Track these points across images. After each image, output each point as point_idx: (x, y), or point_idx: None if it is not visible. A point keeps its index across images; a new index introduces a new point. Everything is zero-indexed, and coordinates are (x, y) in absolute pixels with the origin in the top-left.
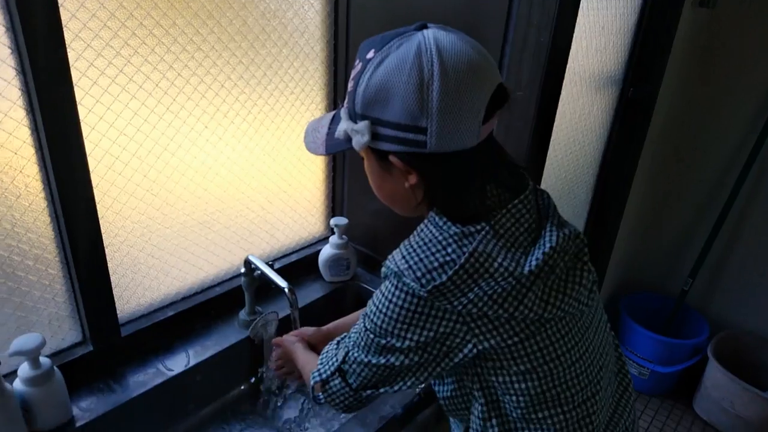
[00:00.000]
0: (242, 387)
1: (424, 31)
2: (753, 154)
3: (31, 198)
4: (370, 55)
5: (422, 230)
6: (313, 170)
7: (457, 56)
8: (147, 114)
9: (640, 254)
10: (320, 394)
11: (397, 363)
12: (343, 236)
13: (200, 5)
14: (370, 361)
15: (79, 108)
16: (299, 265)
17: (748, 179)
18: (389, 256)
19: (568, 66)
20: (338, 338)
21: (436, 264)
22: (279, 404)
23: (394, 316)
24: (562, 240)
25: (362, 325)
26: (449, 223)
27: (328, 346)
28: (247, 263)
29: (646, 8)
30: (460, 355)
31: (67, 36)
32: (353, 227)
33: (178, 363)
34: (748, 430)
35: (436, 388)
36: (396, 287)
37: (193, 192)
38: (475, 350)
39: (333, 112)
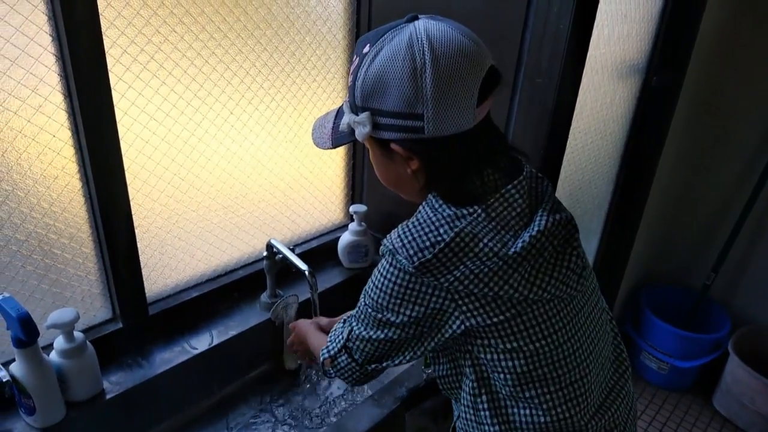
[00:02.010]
0: (263, 367)
1: (415, 22)
2: None
3: (67, 179)
4: (366, 49)
5: (419, 212)
6: (334, 158)
7: (447, 43)
8: (176, 99)
9: (662, 247)
10: (331, 369)
11: (395, 337)
12: (362, 223)
13: None
14: (370, 336)
15: (113, 93)
16: (319, 251)
17: None
18: (387, 236)
19: (589, 53)
20: (345, 316)
21: (428, 243)
22: (300, 384)
23: (388, 291)
24: (551, 225)
25: (362, 301)
26: (444, 206)
27: (336, 325)
28: (269, 247)
29: None
30: (450, 330)
31: (103, 24)
32: (372, 215)
33: (202, 342)
34: None
35: (433, 368)
36: (390, 264)
37: (219, 177)
38: (462, 326)
39: (337, 108)
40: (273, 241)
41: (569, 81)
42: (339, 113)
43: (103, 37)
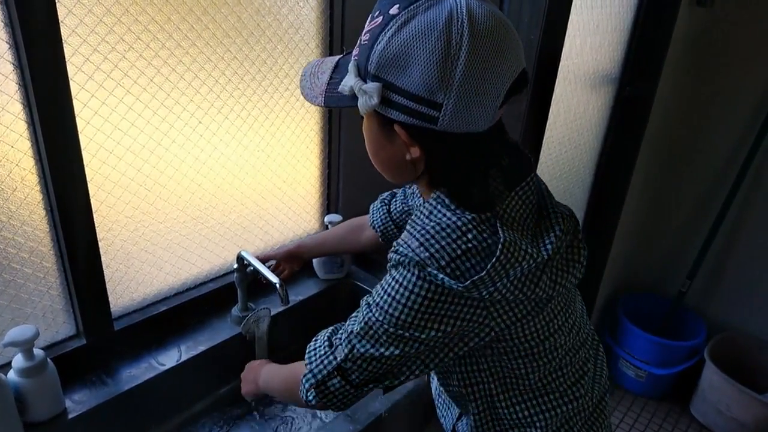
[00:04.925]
0: (234, 383)
1: None
2: (751, 154)
3: (27, 191)
4: (394, 11)
5: (434, 214)
6: (308, 167)
7: (489, 32)
8: (141, 109)
9: (638, 255)
10: (312, 398)
11: (413, 351)
12: None
13: (195, 1)
14: (382, 354)
15: (75, 102)
16: None
17: (746, 179)
18: (401, 242)
19: (561, 64)
20: (325, 334)
21: (459, 252)
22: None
23: (416, 306)
24: (565, 222)
25: (369, 316)
26: (461, 207)
27: (312, 344)
28: (240, 259)
29: (642, 7)
30: (476, 339)
31: (64, 31)
32: None
33: (170, 358)
34: None
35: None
36: (417, 277)
37: (187, 187)
38: (492, 333)
39: (336, 58)
40: (243, 253)
41: (542, 91)
42: (338, 66)
43: (64, 45)
